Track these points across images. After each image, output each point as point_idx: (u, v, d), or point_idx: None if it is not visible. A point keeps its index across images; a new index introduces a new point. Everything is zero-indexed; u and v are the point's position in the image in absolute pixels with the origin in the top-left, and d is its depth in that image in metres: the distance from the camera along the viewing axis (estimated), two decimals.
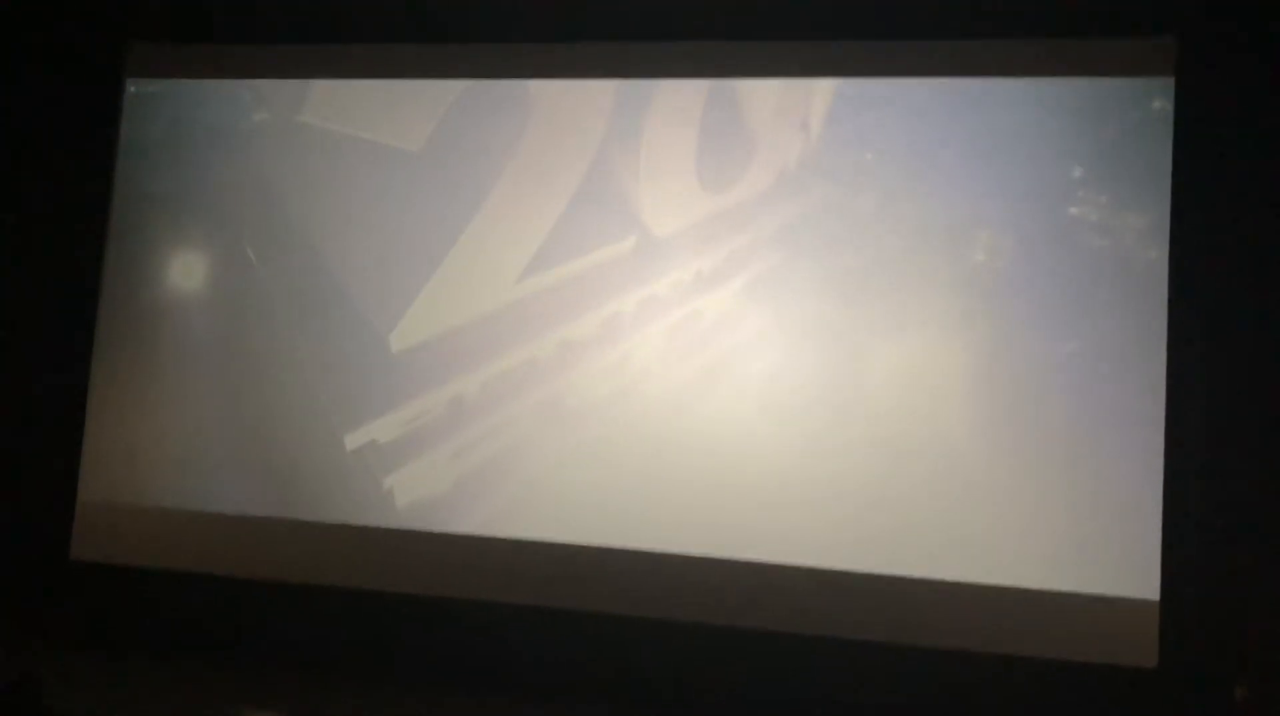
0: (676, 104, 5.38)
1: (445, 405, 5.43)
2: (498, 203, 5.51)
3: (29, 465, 5.79)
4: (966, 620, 4.83)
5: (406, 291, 5.51)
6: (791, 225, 5.17)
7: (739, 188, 5.27)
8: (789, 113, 5.27)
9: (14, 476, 5.78)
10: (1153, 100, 4.83)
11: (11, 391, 5.89)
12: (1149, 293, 4.71)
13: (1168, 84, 4.82)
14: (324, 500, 5.51)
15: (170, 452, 5.72)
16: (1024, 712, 4.73)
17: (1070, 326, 4.82)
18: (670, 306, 5.27)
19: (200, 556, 5.50)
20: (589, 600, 5.16)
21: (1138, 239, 4.76)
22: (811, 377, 5.07)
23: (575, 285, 5.36)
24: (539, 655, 5.22)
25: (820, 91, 5.25)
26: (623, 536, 5.13)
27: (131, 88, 5.99)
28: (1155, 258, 4.72)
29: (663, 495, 5.09)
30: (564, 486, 5.26)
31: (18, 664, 3.74)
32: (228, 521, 5.56)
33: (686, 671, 5.06)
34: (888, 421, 4.96)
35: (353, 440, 5.48)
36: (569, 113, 5.50)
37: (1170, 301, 4.68)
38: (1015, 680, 4.76)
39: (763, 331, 5.16)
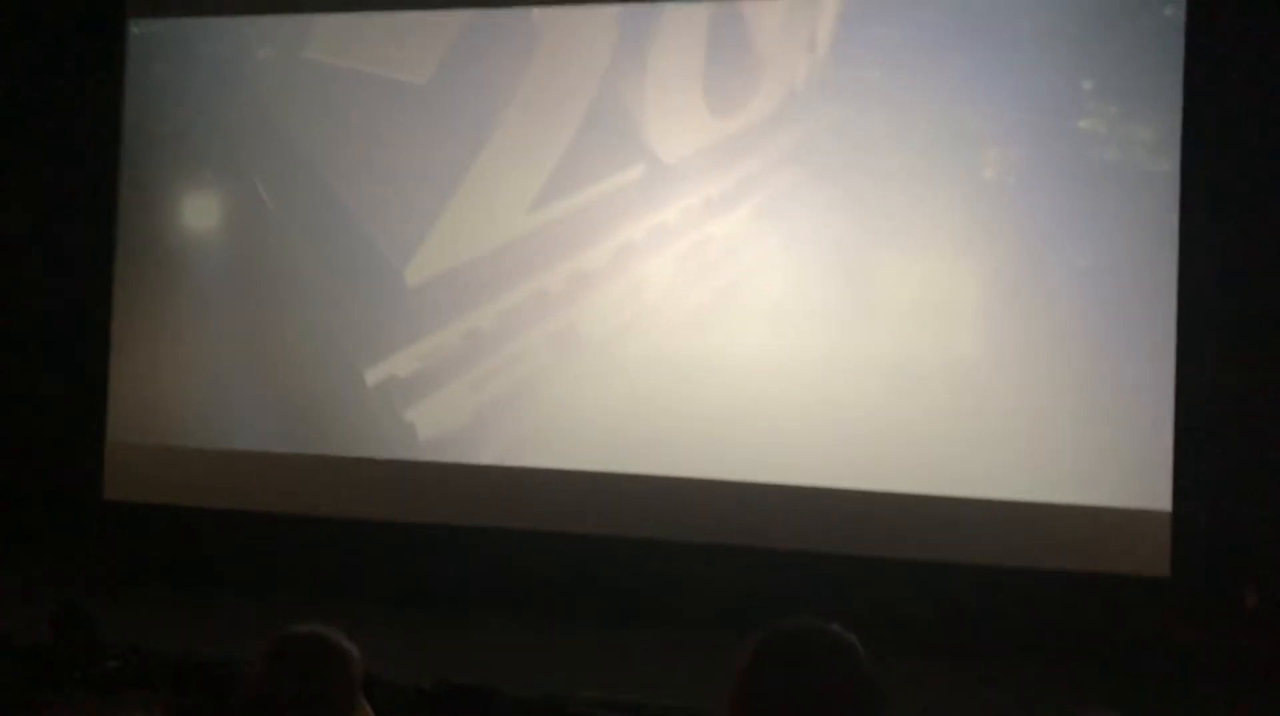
0: (682, 27, 5.32)
1: (461, 337, 5.49)
2: (505, 133, 5.49)
3: (58, 409, 5.91)
4: (985, 535, 4.89)
5: (420, 225, 5.54)
6: (800, 147, 5.14)
7: (746, 111, 5.23)
8: (795, 31, 5.20)
9: (45, 420, 5.91)
10: (1164, 7, 4.73)
11: (36, 336, 5.99)
12: (1160, 206, 4.67)
13: None
14: (347, 435, 5.61)
15: (195, 393, 5.83)
16: (1042, 623, 4.82)
17: (1081, 241, 4.79)
18: (680, 233, 5.27)
19: (228, 493, 5.63)
20: (607, 525, 5.26)
21: (1148, 152, 4.71)
22: (822, 299, 5.09)
23: (585, 215, 5.37)
24: (559, 579, 5.34)
25: (826, 8, 5.17)
26: (638, 462, 5.21)
27: (134, 28, 5.97)
28: (1166, 170, 4.67)
29: (677, 421, 5.15)
30: (580, 415, 5.33)
31: (60, 599, 3.89)
32: (254, 458, 5.68)
33: (708, 591, 5.15)
34: (899, 341, 4.97)
35: (373, 375, 5.56)
36: (574, 40, 5.46)
37: (1181, 215, 4.64)
38: (1034, 592, 4.84)
39: (773, 254, 5.16)
